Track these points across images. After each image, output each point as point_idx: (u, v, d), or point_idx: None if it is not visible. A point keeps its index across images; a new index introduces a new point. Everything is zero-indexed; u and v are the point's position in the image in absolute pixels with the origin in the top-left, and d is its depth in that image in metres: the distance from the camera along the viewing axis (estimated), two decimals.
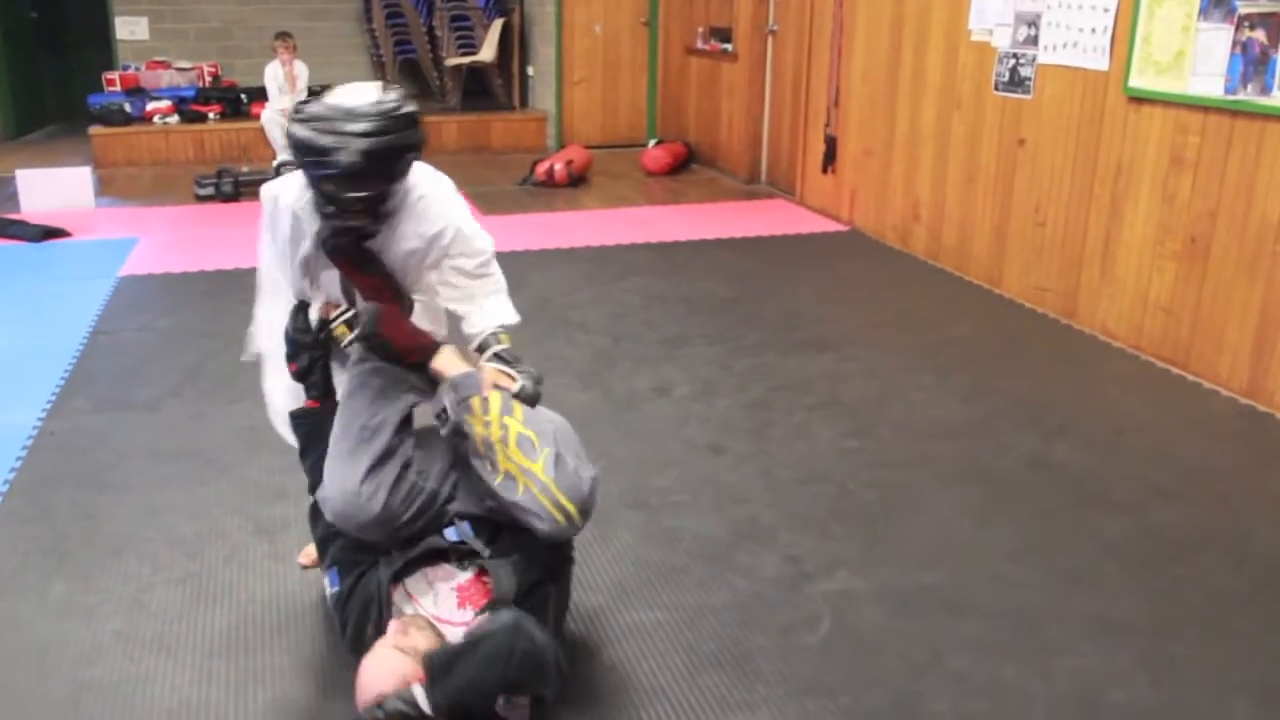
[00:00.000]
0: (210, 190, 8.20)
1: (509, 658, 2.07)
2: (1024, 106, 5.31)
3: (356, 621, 2.30)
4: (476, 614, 2.25)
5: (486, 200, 7.97)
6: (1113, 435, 3.83)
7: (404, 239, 2.49)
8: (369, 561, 2.35)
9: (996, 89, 5.50)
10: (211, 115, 10.18)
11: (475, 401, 2.32)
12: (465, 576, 2.31)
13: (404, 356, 2.47)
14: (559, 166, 8.45)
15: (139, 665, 2.53)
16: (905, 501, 3.34)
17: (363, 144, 2.21)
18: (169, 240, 6.90)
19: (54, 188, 7.90)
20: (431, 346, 2.50)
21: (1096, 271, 4.91)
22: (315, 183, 2.31)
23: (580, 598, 2.78)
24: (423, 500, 2.35)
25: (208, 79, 10.86)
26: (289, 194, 2.45)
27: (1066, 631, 2.68)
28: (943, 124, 5.97)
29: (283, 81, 9.60)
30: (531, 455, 2.26)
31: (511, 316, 2.66)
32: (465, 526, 2.35)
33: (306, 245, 2.47)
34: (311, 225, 2.43)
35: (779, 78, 8.19)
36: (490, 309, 2.62)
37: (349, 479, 2.30)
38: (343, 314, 2.51)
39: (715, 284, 5.68)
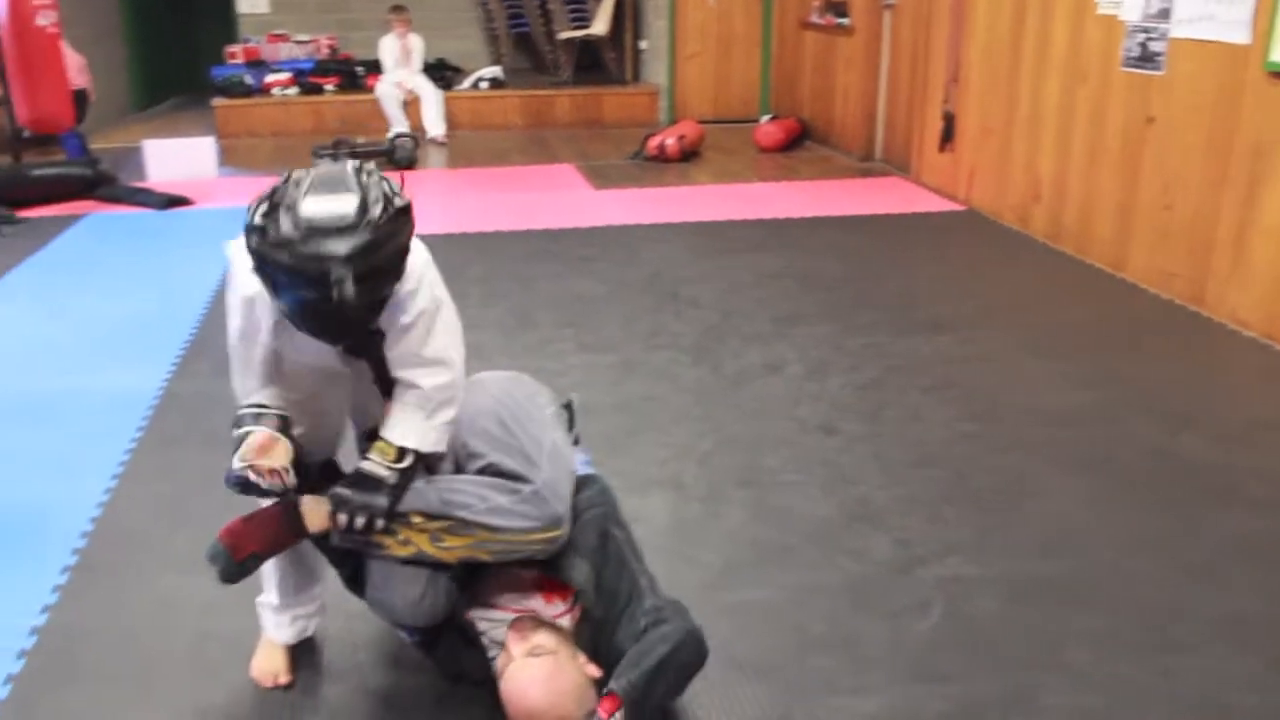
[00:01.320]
0: (327, 160, 8.35)
1: (698, 661, 2.12)
2: (1154, 83, 5.12)
3: (449, 656, 2.26)
4: (570, 604, 2.22)
5: (598, 174, 7.98)
6: (1244, 428, 3.68)
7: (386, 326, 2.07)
8: None
9: (1125, 65, 5.30)
10: (329, 87, 10.37)
11: (385, 539, 2.11)
12: (530, 572, 2.22)
13: (275, 552, 2.19)
14: (671, 141, 8.42)
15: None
16: (1022, 489, 3.26)
17: (346, 272, 1.78)
18: None
19: (179, 157, 8.14)
20: (290, 524, 2.15)
21: (1228, 257, 4.71)
22: (291, 317, 1.92)
23: (689, 574, 2.77)
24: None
25: (325, 52, 11.05)
26: (247, 281, 1.94)
27: (1191, 630, 2.58)
28: (1067, 101, 5.79)
29: (398, 55, 9.74)
30: (470, 539, 2.10)
31: (418, 443, 2.13)
32: None
33: (264, 338, 2.06)
34: (270, 316, 2.01)
35: (896, 53, 8.03)
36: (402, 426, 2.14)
37: (410, 592, 2.13)
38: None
39: (828, 262, 5.61)
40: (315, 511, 2.13)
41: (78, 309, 5.00)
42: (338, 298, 1.78)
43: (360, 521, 2.08)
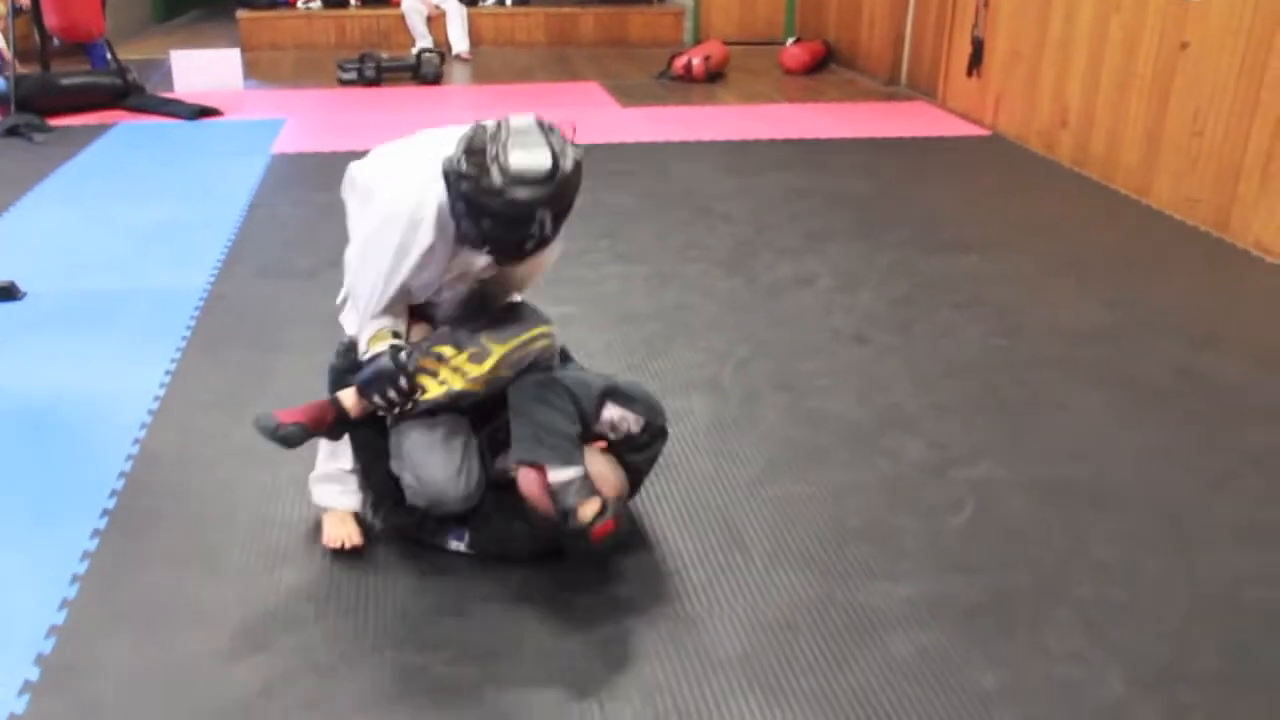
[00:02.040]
0: (353, 75, 8.37)
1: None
2: (1190, 9, 5.12)
3: (496, 538, 2.51)
4: None
5: (624, 92, 8.00)
6: (1264, 350, 3.76)
7: None
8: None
9: None
10: (353, 1, 10.32)
11: (425, 382, 2.36)
12: None
13: (317, 429, 2.44)
14: (697, 61, 8.41)
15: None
16: (1049, 399, 3.36)
17: (547, 214, 2.14)
18: (316, 122, 7.10)
19: (205, 69, 8.16)
20: (334, 409, 2.45)
21: (1255, 183, 4.76)
22: (482, 238, 2.22)
23: (731, 469, 2.90)
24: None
25: None
26: (429, 199, 2.25)
27: (1211, 532, 2.69)
28: (1099, 27, 5.79)
29: None
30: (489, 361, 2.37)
31: None
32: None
33: (411, 261, 2.31)
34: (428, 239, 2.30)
35: None
36: None
37: (446, 467, 2.40)
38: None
39: (856, 182, 5.66)
40: (352, 399, 2.43)
41: (115, 215, 5.08)
42: (538, 234, 2.16)
43: (391, 392, 2.32)
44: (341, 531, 2.55)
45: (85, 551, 2.56)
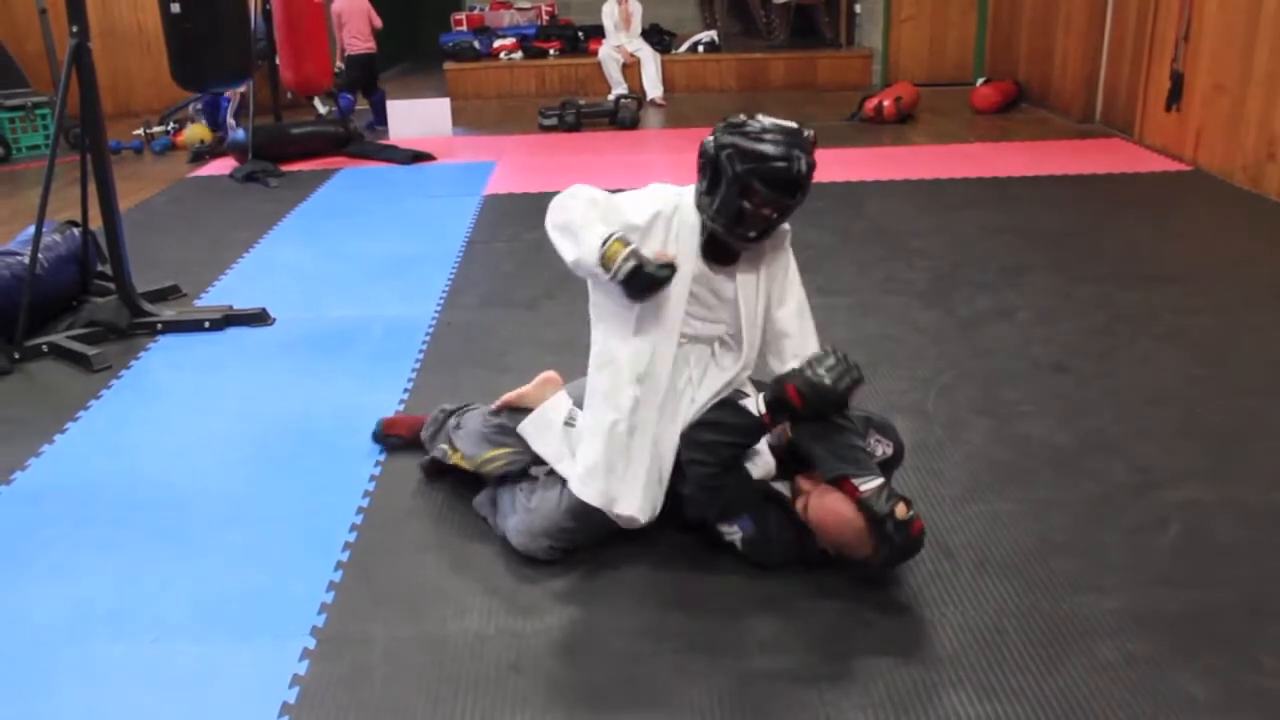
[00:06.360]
0: (554, 120, 8.79)
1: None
2: None
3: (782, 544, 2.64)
4: None
5: (817, 134, 8.15)
6: None
7: (766, 264, 2.70)
8: (758, 494, 2.68)
9: None
10: (551, 51, 10.84)
11: None
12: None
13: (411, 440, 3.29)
14: (888, 103, 8.54)
15: None
16: (1256, 427, 3.36)
17: (808, 159, 2.47)
18: (522, 164, 7.52)
19: (417, 117, 8.72)
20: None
21: None
22: (746, 189, 2.47)
23: (937, 487, 3.03)
24: None
25: (545, 18, 11.53)
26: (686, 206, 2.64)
27: None
28: None
29: (618, 20, 10.13)
30: None
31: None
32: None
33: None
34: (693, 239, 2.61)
35: (1120, 13, 7.94)
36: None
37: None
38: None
39: (1051, 218, 5.70)
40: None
41: (347, 250, 5.53)
42: (798, 168, 2.44)
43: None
44: None
45: (346, 542, 2.86)
